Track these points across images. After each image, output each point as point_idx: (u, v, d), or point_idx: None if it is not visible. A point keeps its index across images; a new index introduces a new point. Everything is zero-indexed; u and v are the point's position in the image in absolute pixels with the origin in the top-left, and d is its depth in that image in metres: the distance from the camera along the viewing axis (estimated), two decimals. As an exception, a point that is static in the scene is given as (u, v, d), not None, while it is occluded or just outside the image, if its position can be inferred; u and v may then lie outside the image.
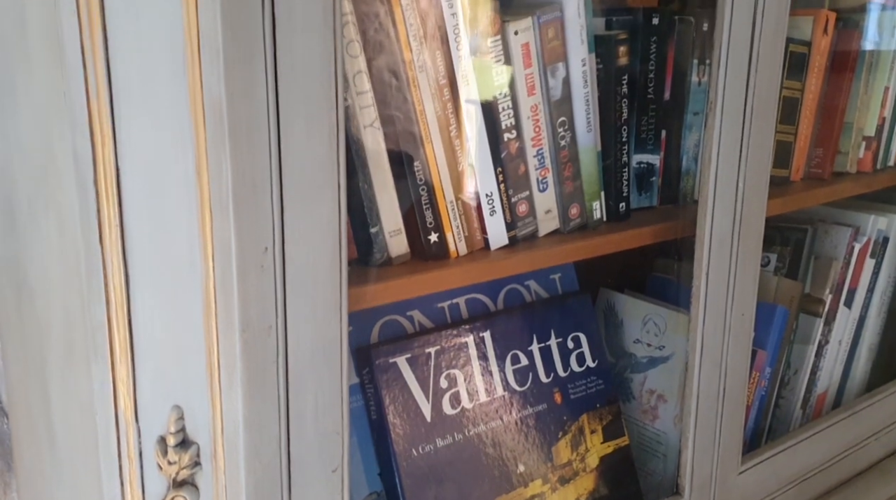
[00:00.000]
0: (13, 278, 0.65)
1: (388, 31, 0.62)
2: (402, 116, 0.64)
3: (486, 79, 0.68)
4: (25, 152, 0.57)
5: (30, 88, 0.55)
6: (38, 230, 0.57)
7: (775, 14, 0.78)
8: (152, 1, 0.46)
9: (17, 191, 0.60)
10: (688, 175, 0.89)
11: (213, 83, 0.46)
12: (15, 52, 0.55)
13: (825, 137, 1.02)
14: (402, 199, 0.65)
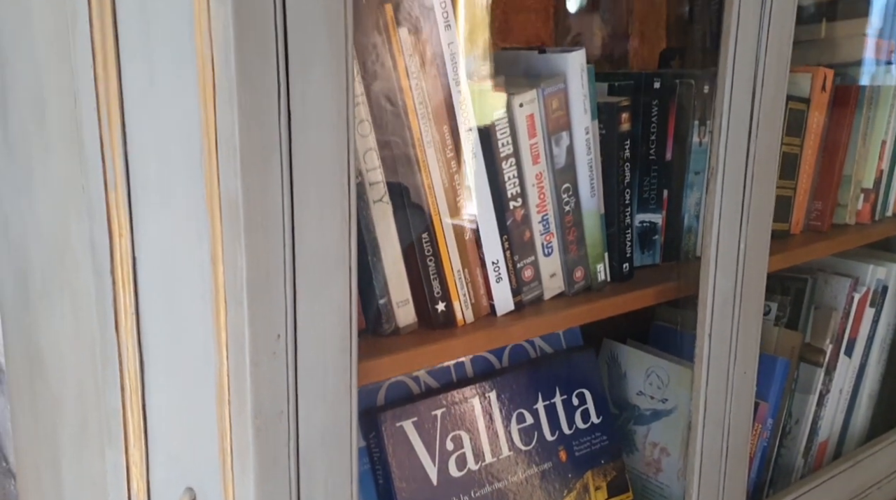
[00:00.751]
0: (25, 347, 0.66)
1: (397, 109, 0.63)
2: (411, 190, 0.65)
3: (491, 151, 0.69)
4: (41, 233, 0.58)
5: (47, 176, 0.56)
6: (52, 309, 0.58)
7: (775, 77, 0.79)
8: (170, 99, 0.47)
9: (32, 266, 0.61)
10: (689, 233, 0.91)
11: (230, 178, 0.47)
12: (34, 139, 0.56)
13: (824, 189, 1.04)
14: (409, 269, 0.66)
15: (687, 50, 1.05)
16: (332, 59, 0.49)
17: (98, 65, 0.48)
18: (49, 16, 0.51)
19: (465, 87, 0.66)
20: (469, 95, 0.67)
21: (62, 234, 0.55)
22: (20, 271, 0.64)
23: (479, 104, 0.68)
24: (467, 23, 0.80)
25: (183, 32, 0.45)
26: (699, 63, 1.01)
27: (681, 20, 1.08)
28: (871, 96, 1.05)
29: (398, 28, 0.61)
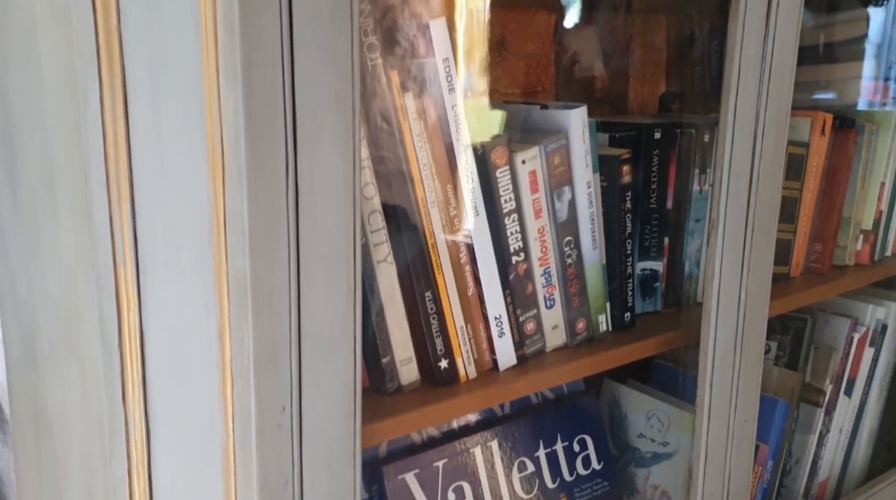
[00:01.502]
0: (31, 403, 0.66)
1: (402, 172, 0.64)
2: (415, 249, 0.66)
3: (494, 207, 0.70)
4: (49, 297, 0.59)
5: (56, 245, 0.57)
6: (60, 373, 0.59)
7: (775, 131, 0.80)
8: (180, 179, 0.48)
9: (39, 327, 0.62)
10: (690, 279, 0.91)
11: (238, 256, 0.47)
12: (43, 206, 0.57)
13: (824, 232, 1.04)
14: (413, 327, 0.66)
15: (687, 93, 1.06)
16: (340, 137, 0.50)
17: (109, 144, 0.48)
18: (61, 93, 0.52)
19: (468, 146, 0.67)
20: (472, 153, 0.68)
21: (70, 303, 0.56)
22: (27, 330, 0.65)
23: (482, 161, 0.68)
24: (469, 76, 0.81)
25: (194, 116, 0.46)
26: (699, 107, 1.02)
27: (680, 63, 1.09)
28: (870, 139, 1.06)
29: (403, 93, 0.62)
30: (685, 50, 1.07)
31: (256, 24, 0.45)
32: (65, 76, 0.51)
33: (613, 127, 0.85)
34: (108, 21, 0.47)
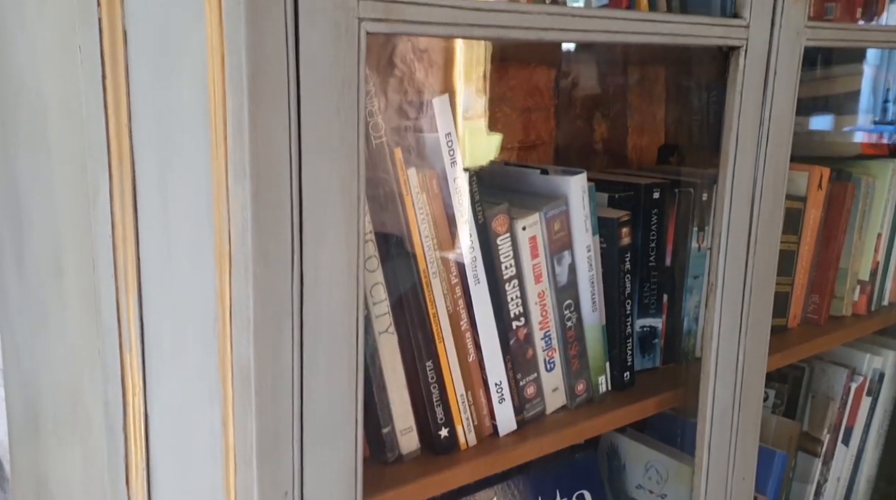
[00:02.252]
0: (33, 472, 0.66)
1: (404, 243, 0.64)
2: (416, 319, 0.66)
3: (494, 274, 0.70)
4: (54, 375, 0.59)
5: (62, 328, 0.57)
6: (63, 449, 0.59)
7: (772, 194, 0.81)
8: (187, 270, 0.48)
9: (43, 402, 0.62)
10: (689, 335, 0.92)
11: (242, 346, 0.48)
12: (49, 288, 0.57)
13: (821, 283, 1.05)
14: (413, 397, 0.67)
15: (685, 145, 1.07)
16: (345, 225, 0.50)
17: (117, 235, 0.49)
18: (71, 184, 0.53)
19: (470, 215, 0.68)
20: (473, 221, 0.68)
21: (75, 385, 0.56)
22: (31, 400, 0.65)
23: (482, 229, 0.69)
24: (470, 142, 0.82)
25: (202, 210, 0.47)
26: (698, 161, 1.03)
27: (678, 113, 1.10)
28: (867, 190, 1.07)
29: (406, 169, 0.63)
30: (683, 100, 1.08)
31: (265, 123, 0.45)
32: (75, 168, 0.52)
33: (612, 187, 0.85)
34: (119, 118, 0.47)
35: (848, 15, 1.04)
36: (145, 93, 0.48)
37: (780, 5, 0.75)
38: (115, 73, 0.47)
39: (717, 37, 0.71)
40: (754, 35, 0.74)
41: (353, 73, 0.49)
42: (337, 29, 0.48)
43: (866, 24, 0.95)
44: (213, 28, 0.44)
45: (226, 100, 0.45)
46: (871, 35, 0.87)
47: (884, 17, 1.02)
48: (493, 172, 0.83)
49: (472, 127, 0.88)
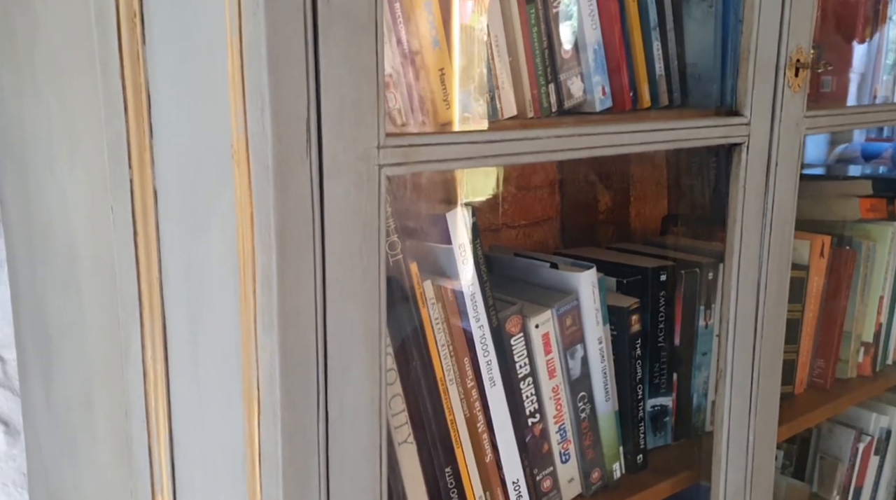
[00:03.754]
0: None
1: (422, 354, 0.66)
2: (434, 428, 0.67)
3: (509, 374, 0.72)
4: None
5: (92, 463, 0.58)
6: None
7: (777, 281, 0.83)
8: (217, 416, 0.50)
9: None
10: (699, 411, 0.93)
11: (271, 487, 0.49)
12: (79, 421, 0.59)
13: (826, 348, 1.06)
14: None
15: (688, 215, 1.09)
16: (368, 362, 0.52)
17: (149, 383, 0.50)
18: (102, 331, 0.54)
19: (486, 321, 0.69)
20: (488, 325, 0.70)
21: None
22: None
23: (496, 332, 0.70)
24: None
25: (231, 359, 0.48)
26: (701, 232, 1.05)
27: (681, 183, 1.12)
28: (868, 255, 1.08)
29: (423, 282, 0.64)
30: (685, 168, 1.10)
31: (292, 276, 0.47)
32: (106, 317, 0.53)
33: (620, 270, 0.87)
34: (151, 273, 0.49)
35: (842, 83, 1.06)
36: (175, 248, 0.49)
37: (779, 100, 0.77)
38: (147, 230, 0.49)
39: (719, 136, 0.73)
40: (755, 131, 0.76)
41: (374, 216, 0.51)
42: (359, 179, 0.50)
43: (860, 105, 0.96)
44: (243, 190, 0.46)
45: (255, 256, 0.46)
46: (868, 117, 0.90)
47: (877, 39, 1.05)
48: (503, 262, 0.85)
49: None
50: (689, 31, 0.84)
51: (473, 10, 0.62)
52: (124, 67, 0.47)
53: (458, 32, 0.61)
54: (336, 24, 0.47)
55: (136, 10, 0.46)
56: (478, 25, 0.62)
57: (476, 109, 0.63)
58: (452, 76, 0.61)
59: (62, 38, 0.53)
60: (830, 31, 1.05)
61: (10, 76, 0.62)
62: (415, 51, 0.59)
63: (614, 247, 0.99)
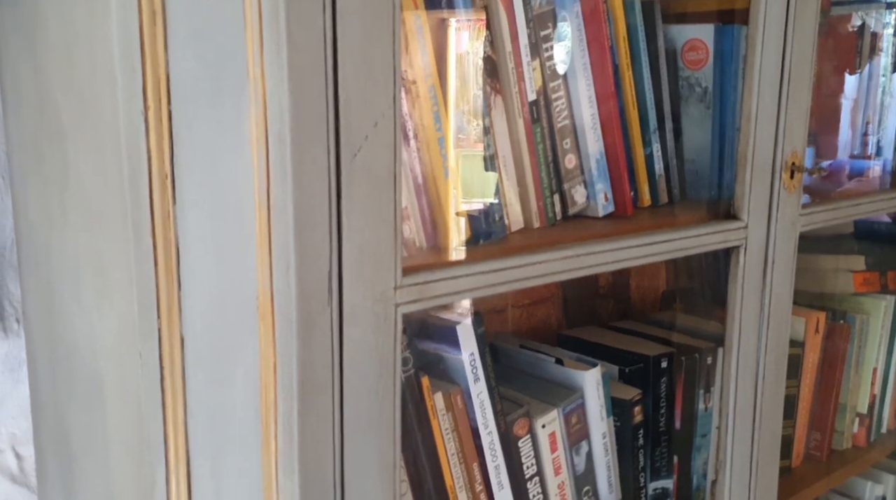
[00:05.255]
0: None
1: (432, 462, 0.68)
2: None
3: (517, 475, 0.74)
4: None
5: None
6: None
7: (774, 372, 0.85)
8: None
9: None
10: (699, 491, 0.95)
11: None
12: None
13: (821, 420, 1.09)
14: None
15: (686, 292, 1.12)
16: (384, 492, 0.53)
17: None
18: (127, 468, 0.56)
19: (493, 427, 0.71)
20: (495, 429, 0.72)
21: None
22: None
23: (504, 436, 0.72)
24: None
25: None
26: (700, 309, 1.07)
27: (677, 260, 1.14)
28: (861, 328, 1.11)
29: (433, 394, 0.66)
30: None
31: (313, 423, 0.49)
32: (131, 455, 0.55)
33: (622, 357, 0.89)
34: (176, 417, 0.51)
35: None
36: (201, 394, 0.51)
37: (775, 202, 0.80)
38: (173, 376, 0.51)
39: (717, 242, 0.76)
40: (752, 233, 0.78)
41: (390, 353, 0.53)
42: (376, 320, 0.52)
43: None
44: (267, 341, 0.48)
45: (277, 403, 0.48)
46: (861, 208, 0.92)
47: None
48: (510, 354, 0.87)
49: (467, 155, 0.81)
50: (687, 129, 0.87)
51: (481, 136, 0.65)
52: (155, 226, 0.49)
53: (467, 160, 0.64)
54: (358, 181, 0.49)
55: (167, 172, 0.48)
56: (487, 152, 0.65)
57: (485, 229, 0.65)
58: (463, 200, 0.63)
59: (94, 186, 0.55)
60: (824, 60, 1.07)
61: (38, 203, 0.64)
62: (427, 180, 0.62)
63: (616, 327, 1.01)
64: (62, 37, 0.55)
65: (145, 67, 0.47)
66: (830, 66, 1.09)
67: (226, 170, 0.47)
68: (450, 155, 0.62)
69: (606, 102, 0.75)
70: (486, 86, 0.66)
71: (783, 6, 0.76)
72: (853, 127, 1.16)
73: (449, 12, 0.62)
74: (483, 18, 0.66)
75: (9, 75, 0.65)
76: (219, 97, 0.47)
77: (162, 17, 0.46)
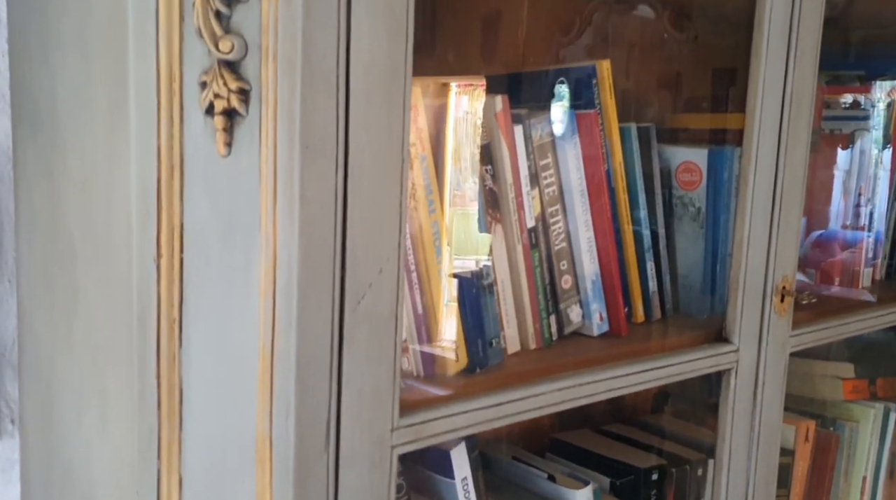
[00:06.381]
0: None
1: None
2: None
3: None
4: None
5: None
6: None
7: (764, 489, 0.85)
8: None
9: None
10: None
11: None
12: None
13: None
14: None
15: (678, 394, 1.12)
16: None
17: None
18: None
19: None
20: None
21: None
22: None
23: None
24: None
25: None
26: (691, 414, 1.08)
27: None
28: (851, 436, 1.11)
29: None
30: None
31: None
32: None
33: (614, 468, 0.89)
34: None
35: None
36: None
37: (766, 325, 0.81)
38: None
39: (709, 366, 0.77)
40: (743, 357, 0.80)
41: (385, 492, 0.53)
42: (372, 462, 0.52)
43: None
44: (264, 485, 0.48)
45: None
46: (850, 327, 0.94)
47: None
48: (502, 465, 0.87)
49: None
50: (680, 245, 0.90)
51: (481, 265, 0.67)
52: (161, 367, 0.50)
53: (467, 288, 0.65)
54: (360, 327, 0.50)
55: (175, 316, 0.50)
56: (486, 281, 0.67)
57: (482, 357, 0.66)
58: (462, 333, 0.64)
59: (102, 318, 0.56)
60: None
61: (45, 317, 0.65)
62: (427, 310, 0.63)
63: (607, 431, 1.02)
64: (80, 169, 0.57)
65: (160, 216, 0.49)
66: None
67: (233, 317, 0.49)
68: (451, 284, 0.64)
69: (602, 224, 0.77)
70: (487, 216, 0.68)
71: (776, 131, 0.79)
72: (846, 197, 1.18)
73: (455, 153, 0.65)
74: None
75: (24, 189, 0.67)
76: (230, 248, 0.48)
77: (180, 170, 0.48)
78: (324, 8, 0.46)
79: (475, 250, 0.68)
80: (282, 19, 0.46)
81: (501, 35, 0.91)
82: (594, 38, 0.98)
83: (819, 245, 1.38)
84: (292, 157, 0.47)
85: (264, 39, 0.46)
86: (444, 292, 0.63)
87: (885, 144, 1.17)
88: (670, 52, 1.07)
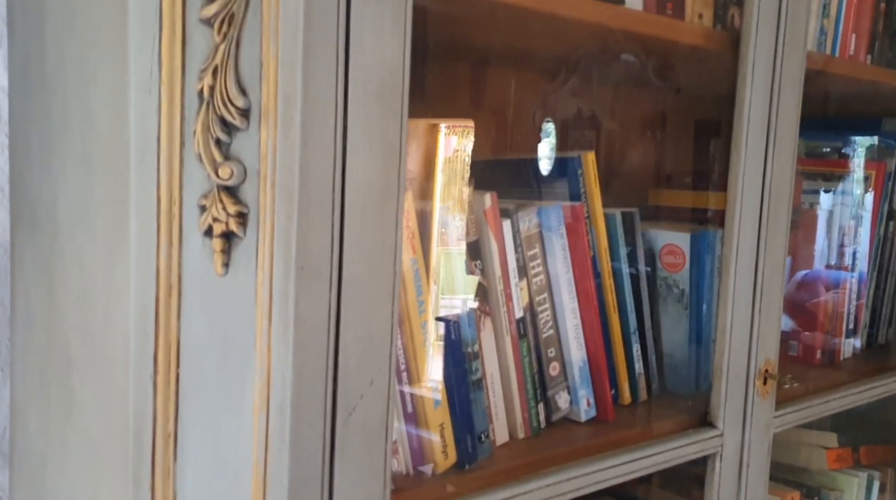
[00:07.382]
0: None
1: None
2: None
3: None
4: None
5: None
6: None
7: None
8: None
9: None
10: None
11: None
12: None
13: None
14: None
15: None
16: None
17: None
18: None
19: None
20: None
21: None
22: None
23: None
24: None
25: None
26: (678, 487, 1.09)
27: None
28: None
29: None
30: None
31: None
32: None
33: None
34: None
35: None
36: None
37: (749, 407, 0.83)
38: None
39: (694, 452, 0.78)
40: (728, 440, 0.81)
41: None
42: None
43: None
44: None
45: None
46: (832, 404, 0.96)
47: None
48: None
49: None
50: (665, 326, 0.91)
51: (472, 359, 0.68)
52: (155, 481, 0.51)
53: (457, 385, 0.66)
54: (351, 438, 0.51)
55: (171, 431, 0.50)
56: (474, 376, 0.68)
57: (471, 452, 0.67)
58: (451, 430, 0.65)
59: (98, 427, 0.57)
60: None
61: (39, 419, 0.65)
62: (417, 408, 0.64)
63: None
64: (79, 279, 0.58)
65: (158, 333, 0.50)
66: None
67: (227, 432, 0.50)
68: (441, 386, 0.65)
69: (589, 310, 0.79)
70: (476, 310, 0.70)
71: (756, 221, 0.81)
72: (829, 237, 1.19)
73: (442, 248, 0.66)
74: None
75: (21, 284, 0.68)
76: (225, 366, 0.49)
77: (178, 289, 0.50)
78: (321, 137, 0.48)
79: (462, 290, 0.69)
80: (280, 149, 0.48)
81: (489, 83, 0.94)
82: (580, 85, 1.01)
83: (804, 286, 1.40)
84: (288, 278, 0.48)
85: (263, 167, 0.48)
86: (430, 365, 0.64)
87: (867, 188, 1.19)
88: (654, 100, 1.10)
